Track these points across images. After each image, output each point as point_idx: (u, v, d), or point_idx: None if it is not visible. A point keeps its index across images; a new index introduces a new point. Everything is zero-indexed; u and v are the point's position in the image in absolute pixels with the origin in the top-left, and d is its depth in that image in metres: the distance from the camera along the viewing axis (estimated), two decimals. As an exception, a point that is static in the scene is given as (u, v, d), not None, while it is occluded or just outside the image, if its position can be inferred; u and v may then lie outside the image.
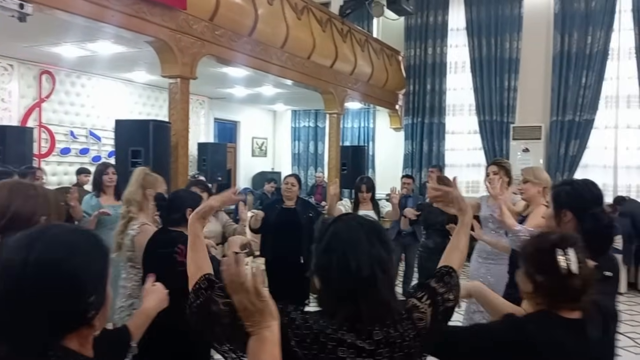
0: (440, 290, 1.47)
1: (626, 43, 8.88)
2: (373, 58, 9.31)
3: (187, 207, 2.59)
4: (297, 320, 1.29)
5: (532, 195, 3.57)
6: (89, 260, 1.07)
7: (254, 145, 12.10)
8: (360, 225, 1.39)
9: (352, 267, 1.30)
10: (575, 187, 2.11)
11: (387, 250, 1.37)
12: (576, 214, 2.04)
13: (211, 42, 5.79)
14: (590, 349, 1.49)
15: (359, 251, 1.32)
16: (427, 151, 10.45)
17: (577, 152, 9.14)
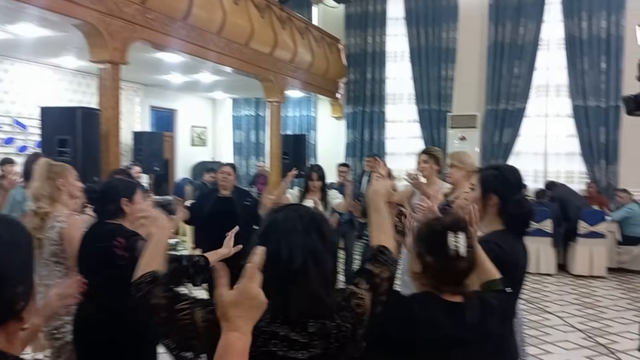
0: (376, 271, 1.47)
1: (556, 34, 9.24)
2: (313, 46, 9.26)
3: (121, 197, 2.48)
4: None
5: (457, 180, 3.66)
6: (11, 247, 1.00)
7: (193, 134, 11.82)
8: (300, 215, 1.37)
9: (283, 256, 1.28)
10: (503, 172, 2.17)
11: (324, 242, 1.34)
12: (501, 198, 2.10)
13: (143, 27, 5.56)
14: (467, 333, 1.54)
15: (292, 241, 1.30)
16: (369, 140, 10.54)
17: (510, 140, 9.46)
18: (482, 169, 2.30)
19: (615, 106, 8.80)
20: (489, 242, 1.99)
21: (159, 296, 1.33)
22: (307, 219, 1.36)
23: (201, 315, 1.27)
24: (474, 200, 2.17)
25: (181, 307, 1.29)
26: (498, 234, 2.10)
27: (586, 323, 5.43)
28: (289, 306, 1.26)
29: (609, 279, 7.37)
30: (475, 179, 2.24)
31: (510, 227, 2.11)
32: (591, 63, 8.92)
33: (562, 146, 9.35)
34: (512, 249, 2.07)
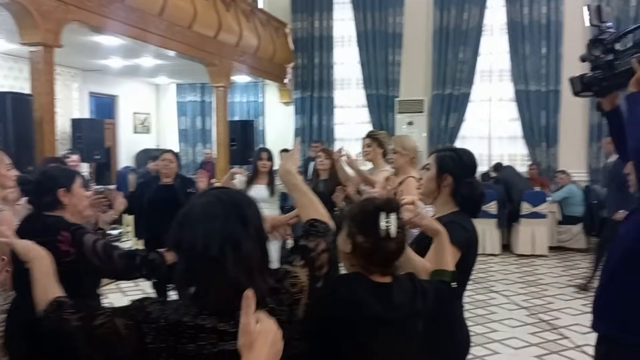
0: (311, 245, 1.43)
1: (498, 20, 9.42)
2: (259, 30, 9.08)
3: (59, 188, 2.28)
4: (154, 313, 1.22)
5: (400, 165, 3.67)
6: None
7: (135, 121, 11.43)
8: (220, 200, 1.31)
9: (199, 244, 1.24)
10: (459, 154, 2.20)
11: (246, 227, 1.28)
12: (455, 179, 2.15)
13: (78, 7, 5.27)
14: (395, 313, 1.54)
15: (209, 228, 1.25)
16: (317, 125, 10.48)
17: (456, 124, 9.62)
18: (438, 150, 2.31)
19: (555, 90, 9.09)
20: (454, 224, 2.03)
21: (71, 321, 1.29)
22: (228, 203, 1.30)
23: (123, 323, 1.24)
24: (428, 179, 2.22)
25: (100, 323, 1.25)
26: (458, 215, 2.14)
27: (530, 300, 5.61)
28: (210, 296, 1.22)
29: (550, 258, 7.65)
30: (430, 159, 2.26)
31: (463, 208, 2.15)
32: (532, 48, 9.15)
33: (506, 130, 9.59)
34: (473, 230, 2.13)
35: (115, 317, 1.25)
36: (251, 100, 11.32)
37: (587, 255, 7.86)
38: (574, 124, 9.10)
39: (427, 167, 2.29)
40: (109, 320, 1.25)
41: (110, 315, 1.26)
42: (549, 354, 4.22)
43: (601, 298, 1.97)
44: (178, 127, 11.86)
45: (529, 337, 4.50)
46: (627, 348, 1.84)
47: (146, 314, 1.23)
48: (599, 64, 1.94)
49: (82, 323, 1.27)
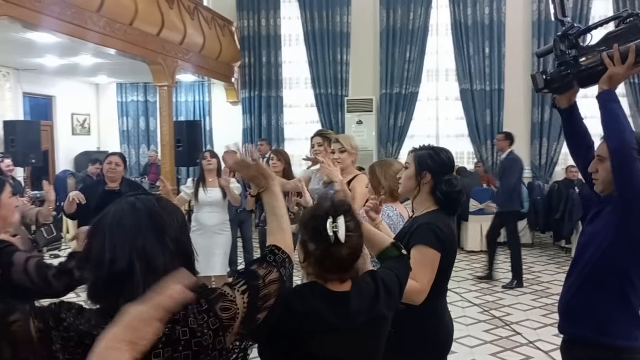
0: (261, 272, 1.33)
1: (443, 20, 9.56)
2: (204, 27, 8.84)
3: None
4: (67, 321, 1.14)
5: (347, 164, 3.64)
6: None
7: (74, 123, 10.90)
8: (134, 208, 1.21)
9: (105, 257, 1.16)
10: (437, 152, 2.21)
11: (160, 238, 1.19)
12: (434, 176, 2.16)
13: (9, 2, 4.93)
14: (352, 321, 1.49)
15: (117, 239, 1.17)
16: (266, 125, 10.32)
17: (405, 123, 9.69)
18: (416, 149, 2.29)
19: (498, 89, 9.32)
20: (430, 225, 2.07)
21: None
22: (143, 212, 1.21)
23: (35, 325, 1.14)
24: (407, 177, 2.22)
25: (14, 319, 1.14)
26: (435, 215, 2.14)
27: (481, 297, 5.68)
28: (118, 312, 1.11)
29: (498, 253, 7.78)
30: (409, 158, 2.27)
31: (442, 206, 2.16)
32: (476, 48, 9.34)
33: (452, 128, 9.75)
34: (449, 228, 2.14)
35: (30, 318, 1.14)
36: (197, 100, 11.04)
37: (532, 249, 8.10)
38: (517, 122, 9.34)
39: (405, 165, 2.28)
40: (24, 319, 1.14)
41: (26, 314, 1.15)
42: (503, 350, 4.27)
43: (575, 299, 1.96)
44: (119, 128, 11.43)
45: (483, 334, 4.55)
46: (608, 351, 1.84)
47: (59, 320, 1.14)
48: (565, 59, 1.92)
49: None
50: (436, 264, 2.03)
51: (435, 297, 2.09)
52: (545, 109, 9.21)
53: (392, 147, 9.72)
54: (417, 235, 2.07)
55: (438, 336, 2.16)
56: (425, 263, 2.01)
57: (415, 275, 1.89)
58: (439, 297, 2.17)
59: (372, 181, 2.94)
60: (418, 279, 1.94)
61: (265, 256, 1.39)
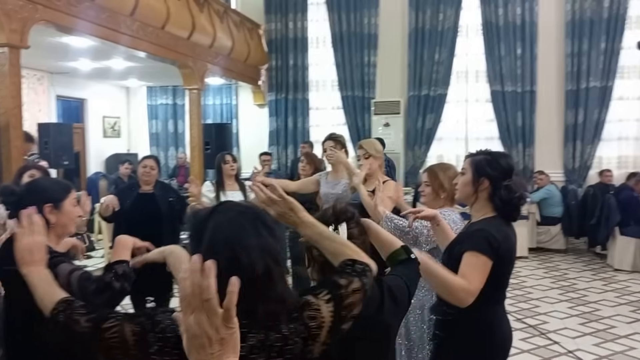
0: (342, 282, 1.30)
1: (474, 21, 9.42)
2: (233, 31, 8.88)
3: (44, 203, 1.97)
4: (162, 323, 1.13)
5: (374, 169, 3.57)
6: None
7: (105, 125, 11.06)
8: (242, 213, 1.23)
9: (244, 265, 1.14)
10: (495, 158, 2.14)
11: (275, 238, 1.23)
12: (493, 183, 2.10)
13: (45, 6, 5.00)
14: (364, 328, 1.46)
15: (247, 246, 1.17)
16: (292, 127, 10.31)
17: (433, 125, 9.58)
18: (473, 154, 2.21)
19: (530, 91, 9.14)
20: (483, 231, 2.02)
21: (81, 322, 1.21)
22: (250, 215, 1.23)
23: (131, 329, 1.15)
24: (464, 184, 2.16)
25: (109, 326, 1.17)
26: (490, 222, 2.08)
27: (515, 304, 5.55)
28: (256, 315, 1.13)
29: (531, 259, 7.65)
30: (466, 163, 2.19)
31: (501, 212, 2.10)
32: (507, 49, 9.18)
33: (482, 131, 9.59)
34: (504, 236, 2.06)
35: (125, 323, 1.16)
36: (225, 103, 11.09)
37: (566, 255, 7.92)
38: (550, 125, 9.16)
39: (462, 171, 2.21)
40: (119, 324, 1.16)
41: (120, 320, 1.17)
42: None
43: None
44: (149, 131, 11.55)
45: (520, 343, 4.43)
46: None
47: (154, 323, 1.14)
48: None
49: (92, 324, 1.19)
50: (487, 271, 1.98)
51: (489, 305, 2.05)
52: (579, 111, 8.99)
53: (419, 149, 9.62)
54: (470, 241, 2.03)
55: (492, 346, 2.10)
56: (477, 268, 1.96)
57: (465, 276, 1.91)
58: (494, 306, 2.11)
59: (432, 184, 2.83)
60: (468, 280, 1.93)
61: (343, 268, 1.35)
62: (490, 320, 2.10)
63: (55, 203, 2.01)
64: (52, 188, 2.08)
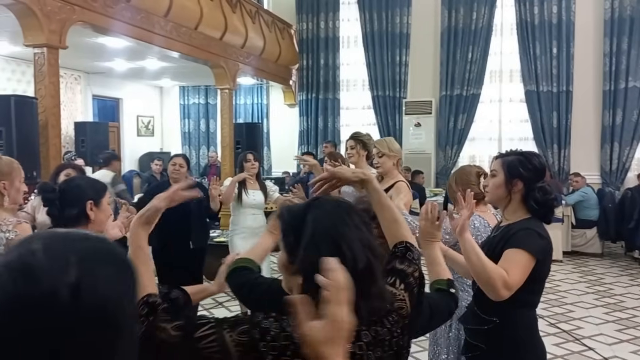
0: (409, 270, 1.29)
1: (508, 19, 9.27)
2: (265, 31, 8.94)
3: (87, 200, 2.04)
4: (272, 330, 1.05)
5: (388, 169, 3.52)
6: None
7: (139, 124, 11.28)
8: (340, 207, 1.20)
9: (347, 259, 1.08)
10: (528, 158, 2.07)
11: (371, 232, 1.19)
12: (527, 184, 2.03)
13: (83, 8, 5.13)
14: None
15: (348, 240, 1.12)
16: (323, 127, 10.33)
17: (465, 126, 9.46)
18: (504, 155, 2.14)
19: (566, 91, 8.93)
20: (529, 230, 1.95)
21: (166, 329, 1.06)
22: (346, 209, 1.20)
23: (233, 338, 1.04)
24: (496, 186, 2.08)
25: (203, 334, 1.05)
26: (532, 222, 2.01)
27: (549, 309, 5.43)
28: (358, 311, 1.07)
29: (565, 263, 7.47)
30: (496, 164, 2.11)
31: (535, 214, 2.03)
32: (543, 48, 8.99)
33: (516, 131, 9.42)
34: (548, 236, 2.02)
35: (224, 331, 1.05)
36: (256, 102, 11.18)
37: (602, 260, 7.71)
38: (586, 125, 8.94)
39: (493, 172, 2.12)
40: (216, 333, 1.05)
41: (215, 328, 1.06)
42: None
43: None
44: (181, 130, 11.73)
45: (554, 348, 4.32)
46: None
47: (263, 330, 1.05)
48: None
49: (182, 333, 1.06)
50: (528, 270, 1.91)
51: (529, 310, 2.03)
52: (617, 111, 8.74)
53: (451, 150, 9.51)
54: (516, 239, 1.95)
55: (536, 352, 2.06)
56: (519, 264, 1.90)
57: (508, 271, 1.87)
58: (531, 311, 2.07)
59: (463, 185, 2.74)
60: (510, 273, 1.87)
61: (404, 254, 1.33)
62: (531, 325, 2.06)
63: (96, 200, 2.08)
64: (93, 186, 2.15)
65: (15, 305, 0.61)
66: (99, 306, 0.63)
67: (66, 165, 3.82)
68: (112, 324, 0.64)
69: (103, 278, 0.65)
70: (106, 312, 0.64)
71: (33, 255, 0.64)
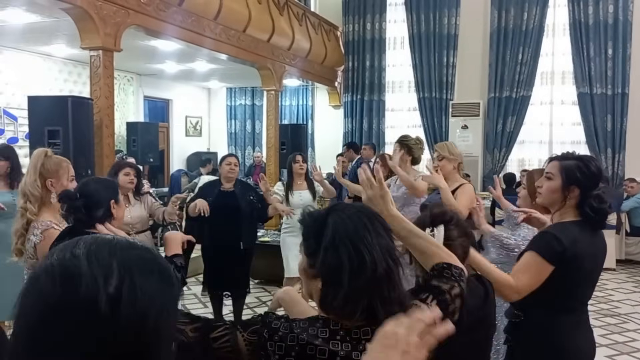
0: (445, 287, 1.28)
1: (560, 19, 9.00)
2: (311, 33, 8.99)
3: (110, 199, 2.18)
4: (281, 331, 1.10)
5: (448, 172, 3.51)
6: None
7: (187, 125, 11.54)
8: (361, 212, 1.21)
9: (367, 263, 1.11)
10: (586, 163, 2.01)
11: (392, 238, 1.21)
12: (583, 191, 1.98)
13: (137, 11, 5.29)
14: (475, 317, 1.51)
15: (369, 244, 1.13)
16: (367, 129, 10.30)
17: (514, 128, 9.24)
18: (561, 157, 2.08)
19: (622, 93, 8.60)
20: (547, 234, 1.96)
21: (184, 331, 1.11)
22: (368, 215, 1.21)
23: (244, 338, 1.11)
24: (552, 190, 2.03)
25: (217, 336, 1.11)
26: (562, 225, 1.98)
27: (601, 319, 5.24)
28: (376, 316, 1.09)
29: (618, 271, 7.19)
30: (552, 167, 2.06)
31: (587, 220, 1.98)
32: (597, 49, 8.69)
33: (568, 134, 9.14)
34: (572, 240, 1.93)
35: (236, 331, 1.12)
36: (301, 104, 11.25)
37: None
38: (643, 129, 8.59)
39: (548, 175, 2.06)
40: (229, 334, 1.12)
41: (229, 329, 1.13)
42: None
43: None
44: (227, 130, 11.93)
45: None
46: None
47: (272, 331, 1.10)
48: None
49: (199, 334, 1.12)
50: (541, 274, 1.90)
51: (554, 312, 1.97)
52: (676, 115, 8.36)
53: (499, 153, 9.31)
54: (533, 241, 1.99)
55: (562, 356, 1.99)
56: (529, 267, 1.92)
57: (516, 274, 1.89)
58: (565, 315, 1.99)
59: (529, 188, 2.74)
60: (516, 278, 1.90)
61: (441, 272, 1.32)
62: (558, 329, 1.98)
63: (115, 199, 2.23)
64: (109, 186, 2.28)
65: (53, 308, 0.61)
66: (137, 319, 0.63)
67: (124, 164, 3.94)
68: (149, 336, 0.64)
69: (144, 290, 0.64)
70: (144, 325, 0.64)
71: (75, 260, 0.64)
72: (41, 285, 0.63)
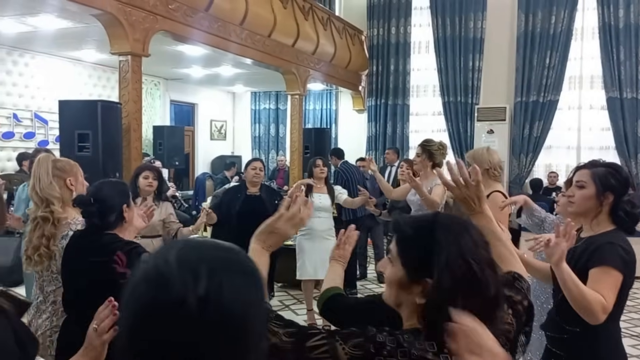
0: (516, 298, 1.26)
1: (589, 23, 8.86)
2: (336, 37, 9.00)
3: (123, 204, 2.20)
4: (388, 345, 1.02)
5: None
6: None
7: (212, 129, 11.65)
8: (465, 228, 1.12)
9: (481, 283, 1.04)
10: (618, 170, 2.05)
11: (490, 253, 1.13)
12: (617, 197, 1.99)
13: (165, 17, 5.37)
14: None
15: (482, 264, 1.06)
16: (391, 133, 10.26)
17: (541, 133, 9.12)
18: (590, 165, 2.08)
19: (653, 98, 8.42)
20: (614, 245, 1.91)
21: (279, 334, 1.06)
22: (474, 229, 1.13)
23: (346, 351, 1.02)
24: (586, 198, 2.02)
25: (314, 345, 1.04)
26: (617, 235, 1.97)
27: (631, 329, 5.12)
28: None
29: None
30: (583, 175, 2.05)
31: (621, 226, 1.99)
32: (627, 53, 8.52)
33: (596, 140, 8.98)
34: (632, 250, 1.96)
35: (336, 343, 1.03)
36: (325, 108, 11.27)
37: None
38: (675, 135, 8.39)
39: (580, 184, 2.04)
40: (329, 344, 1.03)
41: (327, 339, 1.04)
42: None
43: None
44: (252, 134, 12.00)
45: (637, 370, 4.08)
46: None
47: (379, 345, 1.01)
48: None
49: (294, 340, 1.05)
50: (619, 287, 1.87)
51: (612, 322, 1.96)
52: None
53: (525, 158, 9.19)
54: (601, 256, 1.90)
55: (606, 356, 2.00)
56: (611, 284, 1.87)
57: (603, 294, 1.83)
58: (615, 322, 2.01)
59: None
60: (607, 298, 1.83)
61: (512, 282, 1.29)
62: (615, 338, 2.01)
63: (127, 202, 2.23)
64: (122, 190, 2.28)
65: (148, 312, 0.67)
66: (224, 319, 0.67)
67: (144, 168, 3.99)
68: (237, 336, 0.68)
69: (231, 290, 0.68)
70: (231, 325, 0.68)
71: (167, 265, 0.69)
72: (141, 289, 0.69)
